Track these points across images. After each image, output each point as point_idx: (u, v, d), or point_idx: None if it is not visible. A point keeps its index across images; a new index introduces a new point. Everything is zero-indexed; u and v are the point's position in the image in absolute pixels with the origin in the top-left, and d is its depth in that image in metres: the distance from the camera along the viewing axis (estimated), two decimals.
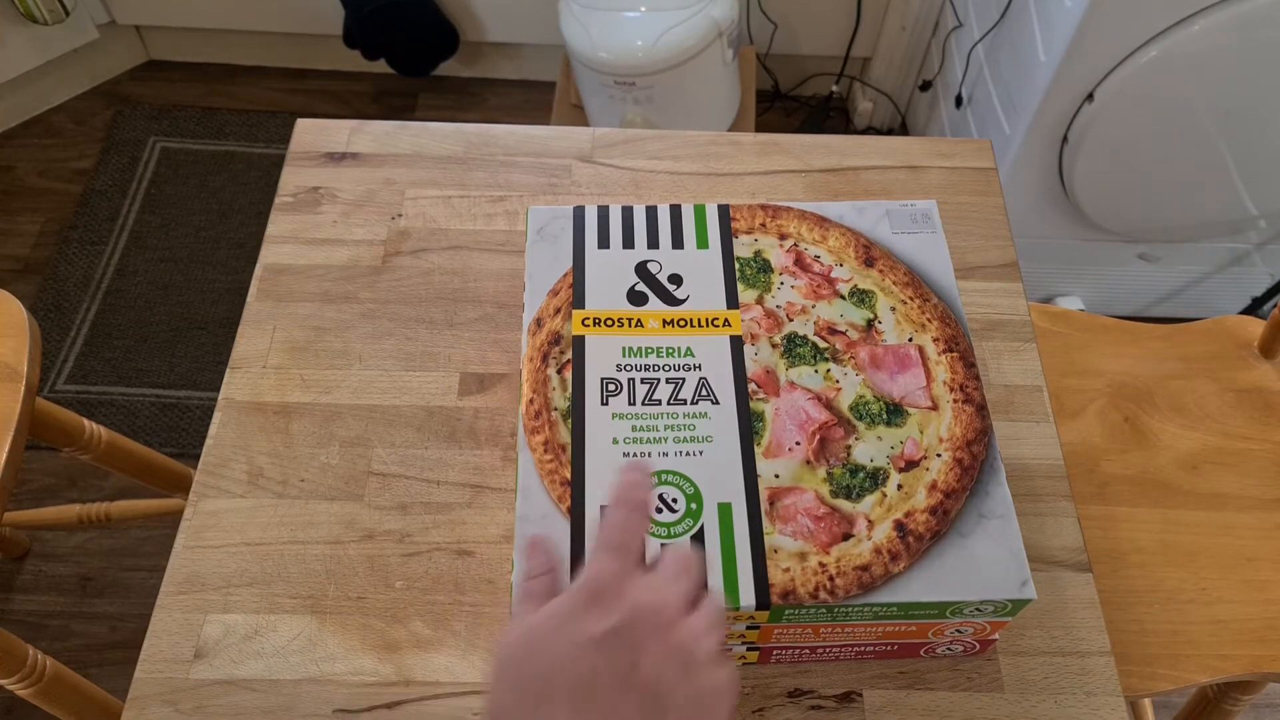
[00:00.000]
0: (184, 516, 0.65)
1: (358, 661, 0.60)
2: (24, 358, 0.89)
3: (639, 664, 0.39)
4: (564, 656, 0.39)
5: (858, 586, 0.53)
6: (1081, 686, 0.60)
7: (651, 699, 0.39)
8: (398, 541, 0.64)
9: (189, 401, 1.55)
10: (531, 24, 1.83)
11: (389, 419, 0.69)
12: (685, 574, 0.43)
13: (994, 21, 1.42)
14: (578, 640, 0.40)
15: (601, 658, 0.39)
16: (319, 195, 0.81)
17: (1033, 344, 0.74)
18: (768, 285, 0.64)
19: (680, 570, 0.43)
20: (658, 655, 0.39)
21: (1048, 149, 1.34)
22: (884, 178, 0.83)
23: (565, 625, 0.41)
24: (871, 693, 0.60)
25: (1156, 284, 1.60)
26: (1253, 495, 0.90)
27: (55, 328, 1.61)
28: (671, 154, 0.84)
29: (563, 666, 0.39)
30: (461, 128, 0.85)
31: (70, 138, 1.86)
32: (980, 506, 0.56)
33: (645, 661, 0.39)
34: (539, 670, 0.39)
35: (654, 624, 0.40)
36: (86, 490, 1.46)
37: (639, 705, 0.38)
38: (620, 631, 0.40)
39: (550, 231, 0.67)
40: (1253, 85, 1.22)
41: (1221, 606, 0.84)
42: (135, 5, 1.84)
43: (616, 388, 0.59)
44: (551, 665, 0.39)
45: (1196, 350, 1.00)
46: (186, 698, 0.58)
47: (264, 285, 0.76)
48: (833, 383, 0.60)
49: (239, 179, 1.81)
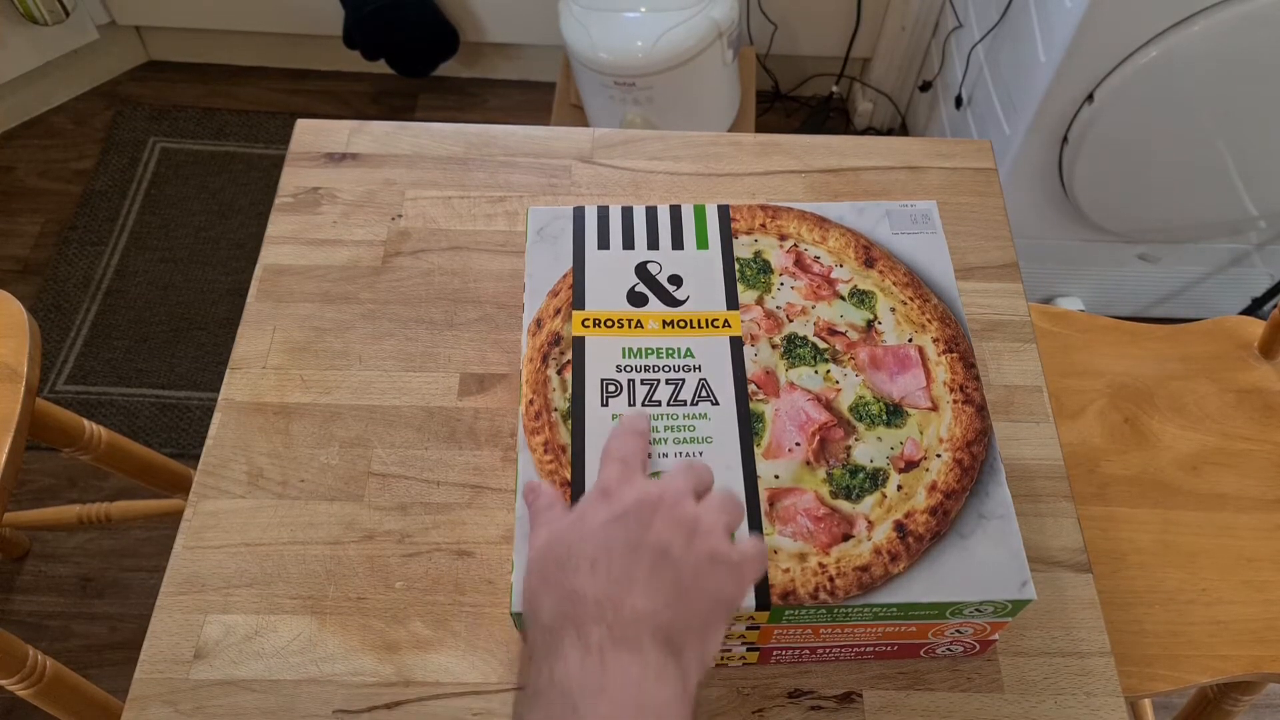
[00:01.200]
0: (184, 517, 0.65)
1: (358, 662, 0.60)
2: (24, 358, 0.89)
3: (648, 534, 0.45)
4: (581, 538, 0.46)
5: (858, 587, 0.53)
6: (1081, 687, 0.60)
7: (660, 558, 0.44)
8: (398, 542, 0.64)
9: (189, 402, 1.55)
10: (531, 24, 1.83)
11: (389, 419, 0.69)
12: (689, 472, 0.49)
13: (994, 22, 1.42)
14: (592, 525, 0.46)
15: (613, 532, 0.45)
16: (319, 196, 0.81)
17: (1033, 344, 0.74)
18: (768, 286, 0.64)
19: (685, 469, 0.49)
20: (664, 526, 0.45)
21: (1048, 149, 1.34)
22: (884, 178, 0.83)
23: (580, 520, 0.47)
24: (871, 693, 0.60)
25: (1156, 284, 1.60)
26: (1253, 496, 0.90)
27: (55, 328, 1.61)
28: (671, 154, 0.84)
29: (580, 544, 0.45)
30: (461, 128, 0.85)
31: (70, 138, 1.86)
32: (980, 507, 0.56)
33: (653, 531, 0.45)
34: (559, 554, 0.46)
35: (661, 505, 0.46)
36: (86, 491, 1.46)
37: (649, 564, 0.44)
38: (630, 512, 0.46)
39: (550, 232, 0.67)
40: (1253, 85, 1.22)
41: (1221, 607, 0.84)
42: (135, 6, 1.84)
43: (617, 389, 0.59)
44: (570, 547, 0.45)
45: (1196, 351, 1.00)
46: (186, 698, 0.58)
47: (264, 285, 0.76)
48: (832, 383, 0.60)
49: (239, 179, 1.81)
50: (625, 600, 0.43)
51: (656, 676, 0.41)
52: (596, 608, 0.42)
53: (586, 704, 0.40)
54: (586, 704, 0.40)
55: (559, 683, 0.41)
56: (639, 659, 0.41)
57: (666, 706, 0.41)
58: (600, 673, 0.40)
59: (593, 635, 0.41)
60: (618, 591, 0.43)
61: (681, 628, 0.43)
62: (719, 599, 0.45)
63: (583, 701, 0.40)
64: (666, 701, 0.41)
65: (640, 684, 0.41)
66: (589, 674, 0.40)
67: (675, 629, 0.43)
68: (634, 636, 0.42)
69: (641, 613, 0.42)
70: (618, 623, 0.42)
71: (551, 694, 0.41)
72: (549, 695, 0.41)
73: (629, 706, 0.40)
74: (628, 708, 0.40)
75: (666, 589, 0.43)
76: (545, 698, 0.41)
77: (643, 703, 0.40)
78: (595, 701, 0.40)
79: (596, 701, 0.40)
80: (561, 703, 0.40)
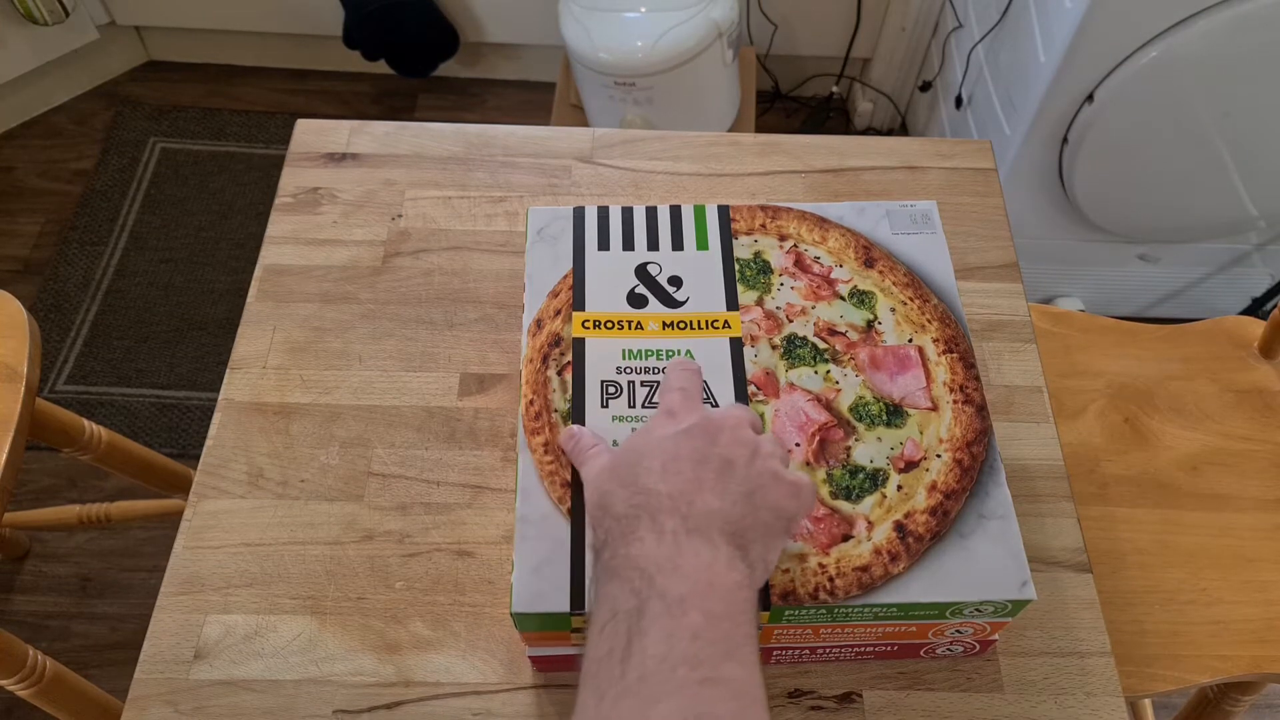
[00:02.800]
0: (184, 517, 0.65)
1: (358, 662, 0.60)
2: (24, 358, 0.89)
3: (714, 448, 0.48)
4: (651, 447, 0.49)
5: (857, 587, 0.53)
6: (1081, 687, 0.60)
7: (727, 467, 0.47)
8: (398, 542, 0.64)
9: (189, 402, 1.55)
10: (531, 24, 1.83)
11: (389, 419, 0.69)
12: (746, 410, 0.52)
13: (994, 22, 1.42)
14: (661, 437, 0.49)
15: (682, 443, 0.48)
16: (319, 196, 0.81)
17: (1033, 345, 0.74)
18: (767, 286, 0.64)
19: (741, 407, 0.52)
20: (730, 443, 0.48)
21: (1048, 149, 1.34)
22: (884, 178, 0.83)
23: (648, 433, 0.50)
24: (871, 693, 0.60)
25: (1156, 284, 1.60)
26: (1253, 496, 0.90)
27: (55, 328, 1.61)
28: (671, 155, 0.84)
29: (652, 451, 0.48)
30: (461, 128, 0.85)
31: (70, 138, 1.86)
32: (980, 507, 0.56)
33: (720, 446, 0.48)
34: (631, 460, 0.49)
35: (725, 426, 0.49)
36: (86, 491, 1.46)
37: (717, 470, 0.47)
38: (696, 428, 0.49)
39: (550, 232, 0.67)
40: (1253, 85, 1.22)
41: (1221, 607, 0.84)
42: (135, 6, 1.84)
43: (617, 390, 0.59)
44: (642, 454, 0.49)
45: (1196, 351, 1.00)
46: (186, 698, 0.58)
47: (264, 286, 0.76)
48: (832, 384, 0.60)
49: (239, 179, 1.81)
50: (696, 498, 0.46)
51: (727, 564, 0.44)
52: (670, 501, 0.45)
53: (663, 577, 0.43)
54: (663, 577, 0.43)
55: (634, 559, 0.44)
56: (710, 546, 0.44)
57: (737, 589, 0.44)
58: (675, 553, 0.44)
59: (667, 524, 0.45)
60: (689, 489, 0.46)
61: (748, 528, 0.46)
62: (780, 512, 0.48)
63: (659, 575, 0.43)
64: (736, 585, 0.44)
65: (712, 566, 0.44)
66: (664, 553, 0.44)
67: (742, 528, 0.46)
68: (705, 529, 0.45)
69: (713, 509, 0.45)
70: (691, 515, 0.45)
71: (628, 570, 0.44)
72: (624, 571, 0.44)
73: (701, 583, 0.43)
74: (700, 584, 0.43)
75: (734, 493, 0.46)
76: (620, 573, 0.44)
77: (713, 581, 0.43)
78: (670, 576, 0.43)
79: (671, 576, 0.43)
80: (639, 576, 0.43)
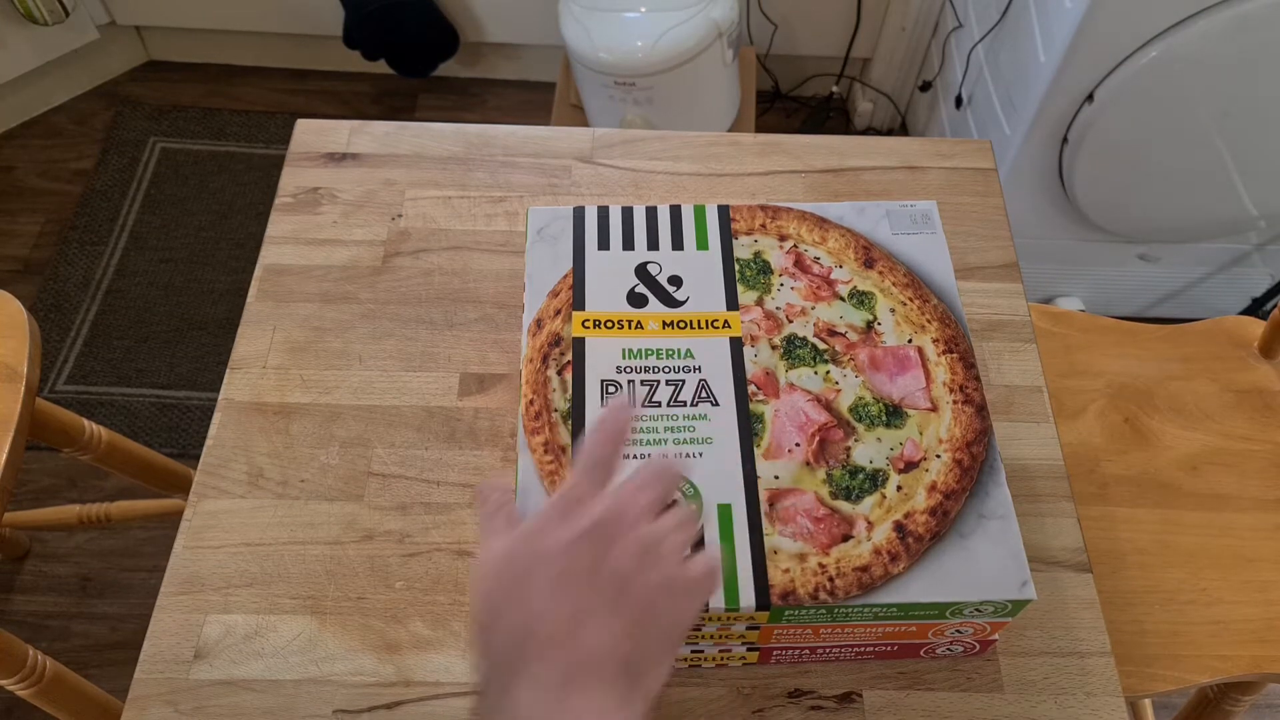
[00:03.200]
0: (184, 517, 0.65)
1: (358, 662, 0.60)
2: (24, 358, 0.89)
3: (605, 559, 0.43)
4: (538, 560, 0.43)
5: (857, 587, 0.53)
6: (1081, 687, 0.60)
7: (619, 587, 0.42)
8: (398, 542, 0.64)
9: (189, 402, 1.55)
10: (531, 24, 1.83)
11: (389, 419, 0.69)
12: (653, 483, 0.47)
13: (994, 22, 1.42)
14: (550, 547, 0.43)
15: (571, 558, 0.43)
16: (319, 196, 0.81)
17: (1033, 344, 0.74)
18: (767, 287, 0.64)
19: (648, 480, 0.47)
20: (621, 551, 0.43)
21: (1048, 149, 1.34)
22: (884, 178, 0.83)
23: (537, 538, 0.44)
24: (871, 693, 0.60)
25: (1156, 284, 1.60)
26: (1253, 496, 0.90)
27: (55, 328, 1.61)
28: (671, 154, 0.84)
29: (537, 568, 0.43)
30: (461, 128, 0.85)
31: (70, 138, 1.86)
32: (980, 507, 0.56)
33: (611, 557, 0.43)
34: (516, 574, 0.43)
35: (619, 526, 0.44)
36: (86, 490, 1.46)
37: (608, 593, 0.42)
38: (587, 535, 0.43)
39: (550, 232, 0.67)
40: (1253, 85, 1.22)
41: (1221, 607, 0.84)
42: (135, 5, 1.84)
43: (617, 390, 0.59)
44: (527, 568, 0.43)
45: (1196, 351, 1.00)
46: (186, 698, 0.58)
47: (264, 285, 0.76)
48: (832, 384, 0.60)
49: (239, 179, 1.81)
50: (583, 633, 0.41)
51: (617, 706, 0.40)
52: (552, 642, 0.41)
53: None
54: None
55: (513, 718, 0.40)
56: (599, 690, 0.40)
57: None
58: (558, 711, 0.39)
59: (548, 676, 0.40)
60: (576, 620, 0.41)
61: (641, 659, 0.42)
62: (675, 624, 0.44)
63: None
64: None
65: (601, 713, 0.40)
66: (543, 713, 0.39)
67: (635, 659, 0.42)
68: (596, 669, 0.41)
69: (603, 646, 0.41)
70: (576, 658, 0.41)
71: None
72: None
73: None
74: None
75: (625, 619, 0.42)
76: None
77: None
78: None
79: None
80: None
